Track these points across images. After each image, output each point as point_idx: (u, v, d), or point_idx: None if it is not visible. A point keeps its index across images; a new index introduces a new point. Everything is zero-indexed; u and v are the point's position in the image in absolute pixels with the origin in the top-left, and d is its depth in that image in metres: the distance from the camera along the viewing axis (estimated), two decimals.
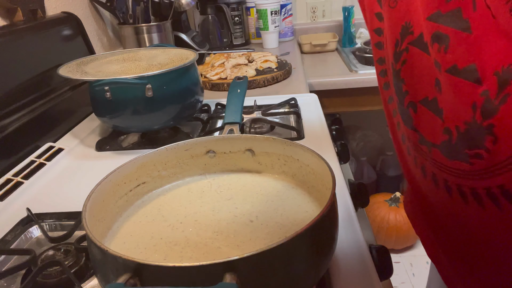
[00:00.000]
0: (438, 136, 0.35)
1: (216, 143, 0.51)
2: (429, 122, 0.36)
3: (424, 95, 0.36)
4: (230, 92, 0.71)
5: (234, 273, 0.28)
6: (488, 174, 0.31)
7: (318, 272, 0.35)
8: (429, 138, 0.37)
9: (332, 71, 1.33)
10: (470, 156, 0.32)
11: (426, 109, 0.37)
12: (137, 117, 0.72)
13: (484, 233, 0.35)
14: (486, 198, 0.32)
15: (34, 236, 0.53)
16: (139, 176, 0.47)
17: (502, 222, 0.32)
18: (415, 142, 0.39)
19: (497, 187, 0.31)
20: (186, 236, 0.41)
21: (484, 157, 0.31)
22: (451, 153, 0.34)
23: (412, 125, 0.39)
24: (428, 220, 0.48)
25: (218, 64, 1.16)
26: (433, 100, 0.35)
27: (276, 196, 0.47)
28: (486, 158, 0.30)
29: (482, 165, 0.31)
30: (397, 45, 0.39)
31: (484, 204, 0.33)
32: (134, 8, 1.21)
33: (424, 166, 0.39)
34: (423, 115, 0.37)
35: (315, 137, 0.73)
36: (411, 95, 0.38)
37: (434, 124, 0.36)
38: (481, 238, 0.36)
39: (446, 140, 0.34)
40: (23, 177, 0.66)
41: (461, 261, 0.42)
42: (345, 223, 0.49)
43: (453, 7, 0.30)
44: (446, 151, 0.35)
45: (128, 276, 0.29)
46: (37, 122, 0.79)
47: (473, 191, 0.33)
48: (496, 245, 0.35)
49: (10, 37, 0.79)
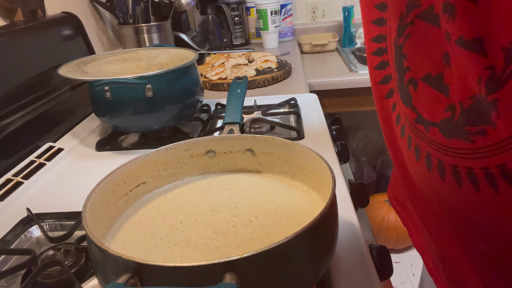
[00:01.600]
0: (439, 114, 0.34)
1: (216, 143, 0.51)
2: (429, 99, 0.35)
3: (426, 71, 0.35)
4: (230, 92, 0.71)
5: (234, 273, 0.28)
6: (489, 152, 0.30)
7: (318, 272, 0.35)
8: (427, 116, 0.36)
9: (332, 71, 1.33)
10: (472, 133, 0.31)
11: (427, 86, 0.35)
12: (137, 117, 0.72)
13: (478, 219, 0.34)
14: (482, 179, 0.31)
15: (34, 236, 0.53)
16: (139, 176, 0.47)
17: (497, 206, 0.31)
18: (412, 121, 0.38)
19: (496, 167, 0.30)
20: (186, 236, 0.41)
21: (488, 133, 0.30)
22: (451, 132, 0.33)
23: (411, 103, 0.38)
24: (417, 209, 0.47)
25: (218, 64, 1.16)
26: (438, 76, 0.34)
27: (276, 196, 0.47)
28: (490, 135, 0.29)
29: (484, 142, 0.30)
30: (401, 18, 0.38)
31: (480, 186, 0.32)
32: (134, 8, 1.21)
33: (418, 147, 0.39)
34: (423, 93, 0.36)
35: (315, 137, 0.73)
36: (412, 71, 0.37)
37: (435, 102, 0.35)
38: (474, 223, 0.35)
39: (447, 118, 0.33)
40: (23, 177, 0.66)
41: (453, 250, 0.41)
42: (345, 223, 0.49)
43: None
44: (445, 130, 0.34)
45: (128, 276, 0.29)
46: (37, 122, 0.79)
47: (469, 172, 0.32)
48: (490, 230, 0.34)
49: (10, 37, 0.79)
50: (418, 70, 0.36)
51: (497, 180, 0.30)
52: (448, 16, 0.30)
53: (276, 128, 0.79)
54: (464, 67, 0.30)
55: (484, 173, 0.31)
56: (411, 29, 0.37)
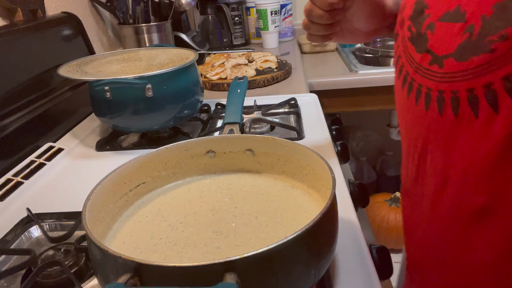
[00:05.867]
0: (455, 42, 0.37)
1: (216, 143, 0.51)
2: (445, 34, 0.38)
3: (445, 10, 0.39)
4: (230, 92, 0.71)
5: (234, 273, 0.28)
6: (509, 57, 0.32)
7: (318, 272, 0.35)
8: (442, 52, 0.39)
9: (332, 71, 1.33)
10: (493, 42, 0.33)
11: (445, 24, 0.39)
12: (137, 117, 0.72)
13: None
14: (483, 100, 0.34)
15: (34, 236, 0.53)
16: (139, 176, 0.47)
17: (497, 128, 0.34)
18: (425, 64, 0.41)
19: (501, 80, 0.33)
20: (186, 236, 0.41)
21: (509, 36, 0.31)
22: (467, 53, 0.35)
23: (426, 47, 0.41)
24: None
25: (218, 64, 1.16)
26: (455, 10, 0.38)
27: (276, 196, 0.47)
28: (510, 38, 0.31)
29: (505, 47, 0.32)
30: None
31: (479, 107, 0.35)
32: (134, 8, 1.21)
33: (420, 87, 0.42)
34: (440, 31, 0.39)
35: (315, 137, 0.73)
36: (432, 16, 0.41)
37: (452, 34, 0.37)
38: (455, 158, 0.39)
39: (465, 40, 0.36)
40: (23, 177, 0.66)
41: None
42: (345, 223, 0.49)
43: None
44: (461, 54, 0.36)
45: (128, 276, 0.29)
46: (37, 122, 0.79)
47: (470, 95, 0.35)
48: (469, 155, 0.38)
49: (10, 37, 0.79)
50: (437, 13, 0.40)
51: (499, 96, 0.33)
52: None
53: (276, 128, 0.79)
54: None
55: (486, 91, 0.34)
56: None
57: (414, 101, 0.43)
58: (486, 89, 0.34)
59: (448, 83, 0.37)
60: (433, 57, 0.40)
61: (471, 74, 0.35)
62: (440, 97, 0.39)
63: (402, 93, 0.46)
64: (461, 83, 0.36)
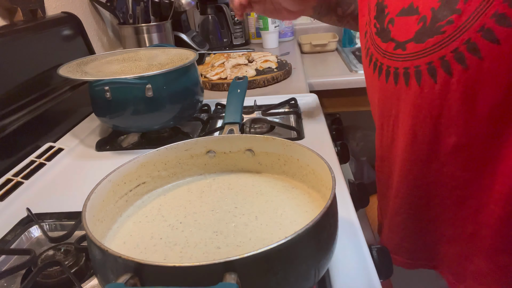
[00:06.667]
0: (412, 30, 0.48)
1: (216, 143, 0.51)
2: (404, 25, 0.50)
3: (401, 7, 0.50)
4: (230, 92, 0.71)
5: (234, 273, 0.28)
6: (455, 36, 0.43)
7: (318, 272, 0.35)
8: (403, 38, 0.50)
9: (332, 71, 1.33)
10: (443, 26, 0.44)
11: (402, 18, 0.50)
12: (137, 117, 0.72)
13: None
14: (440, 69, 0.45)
15: (34, 236, 0.53)
16: (139, 176, 0.47)
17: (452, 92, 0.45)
18: (391, 51, 0.52)
19: (451, 52, 0.44)
20: (186, 236, 0.41)
21: (454, 21, 0.43)
22: (423, 36, 0.47)
23: (390, 37, 0.52)
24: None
25: (218, 64, 1.16)
26: (409, 6, 0.49)
27: (276, 196, 0.47)
28: (455, 21, 0.43)
29: (452, 29, 0.43)
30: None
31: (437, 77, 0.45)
32: (134, 8, 1.21)
33: (388, 68, 0.52)
34: (399, 23, 0.51)
35: (315, 137, 0.73)
36: (391, 13, 0.52)
37: (409, 24, 0.49)
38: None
39: (421, 27, 0.47)
40: (23, 177, 0.66)
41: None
42: (345, 223, 0.49)
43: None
44: (419, 38, 0.47)
45: (128, 276, 0.29)
46: (37, 122, 0.79)
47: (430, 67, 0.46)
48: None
49: (10, 37, 0.79)
50: (395, 11, 0.52)
51: (451, 65, 0.44)
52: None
53: (276, 128, 0.79)
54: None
55: (441, 63, 0.45)
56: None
57: (384, 80, 0.54)
58: (441, 60, 0.45)
59: (412, 61, 0.48)
60: (396, 43, 0.51)
61: (428, 51, 0.46)
62: (406, 73, 0.50)
63: (373, 76, 0.57)
64: (421, 59, 0.47)
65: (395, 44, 0.51)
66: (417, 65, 0.47)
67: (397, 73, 0.51)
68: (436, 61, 0.45)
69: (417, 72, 0.48)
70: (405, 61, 0.49)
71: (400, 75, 0.50)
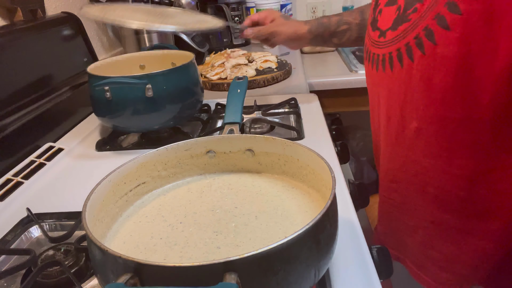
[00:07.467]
0: (392, 19, 0.52)
1: (216, 143, 0.51)
2: (387, 15, 0.54)
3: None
4: (230, 92, 0.71)
5: (234, 273, 0.28)
6: (418, 23, 0.47)
7: (318, 272, 0.35)
8: (385, 27, 0.54)
9: (332, 71, 1.32)
10: (410, 14, 0.49)
11: (387, 8, 0.54)
12: (137, 117, 0.72)
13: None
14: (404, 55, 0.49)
15: (34, 236, 0.53)
16: (139, 176, 0.47)
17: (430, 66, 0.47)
18: (376, 39, 0.56)
19: (413, 39, 0.48)
20: (186, 236, 0.41)
21: (418, 9, 0.47)
22: (398, 23, 0.51)
23: (377, 26, 0.56)
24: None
25: (218, 64, 1.16)
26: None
27: (276, 196, 0.47)
28: (419, 9, 0.47)
29: (416, 16, 0.48)
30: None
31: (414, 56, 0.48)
32: None
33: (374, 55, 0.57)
34: (384, 13, 0.55)
35: (315, 137, 0.73)
36: (381, 4, 0.57)
37: (390, 14, 0.53)
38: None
39: (397, 16, 0.51)
40: (23, 177, 0.66)
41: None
42: (345, 223, 0.49)
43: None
44: (396, 25, 0.51)
45: (128, 276, 0.29)
46: (37, 122, 0.79)
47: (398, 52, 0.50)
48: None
49: (10, 37, 0.79)
50: (384, 1, 0.56)
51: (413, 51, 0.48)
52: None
53: (276, 128, 0.79)
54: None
55: (406, 48, 0.49)
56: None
57: (371, 67, 0.58)
58: (406, 47, 0.49)
59: (387, 48, 0.53)
60: (380, 32, 0.55)
61: (398, 38, 0.51)
62: (383, 59, 0.54)
63: (368, 66, 0.60)
64: (393, 45, 0.52)
65: (379, 33, 0.55)
66: (390, 51, 0.52)
67: (378, 60, 0.55)
68: (403, 47, 0.50)
69: (390, 58, 0.52)
70: (384, 48, 0.54)
71: (380, 61, 0.55)
